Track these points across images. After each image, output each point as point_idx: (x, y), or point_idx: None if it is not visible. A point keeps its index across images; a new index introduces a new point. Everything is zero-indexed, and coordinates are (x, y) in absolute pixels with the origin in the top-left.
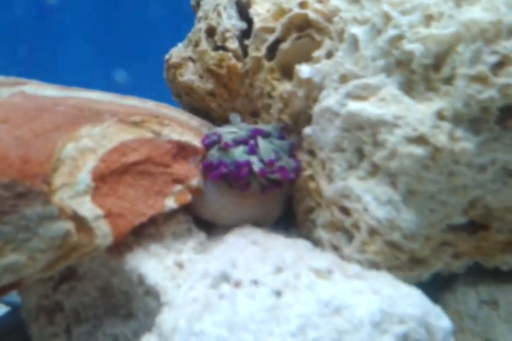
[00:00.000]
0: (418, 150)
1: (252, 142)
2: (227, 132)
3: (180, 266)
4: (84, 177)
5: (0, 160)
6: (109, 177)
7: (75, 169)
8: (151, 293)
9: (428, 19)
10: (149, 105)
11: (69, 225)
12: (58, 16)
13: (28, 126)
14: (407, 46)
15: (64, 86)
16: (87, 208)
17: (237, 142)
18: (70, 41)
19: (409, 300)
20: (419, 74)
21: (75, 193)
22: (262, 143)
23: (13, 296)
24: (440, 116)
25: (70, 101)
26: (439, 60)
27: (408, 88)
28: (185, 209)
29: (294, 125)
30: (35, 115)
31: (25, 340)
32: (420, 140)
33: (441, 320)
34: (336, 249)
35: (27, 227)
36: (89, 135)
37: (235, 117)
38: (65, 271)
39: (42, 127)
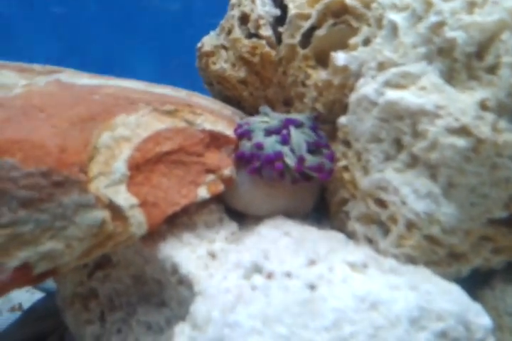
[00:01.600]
0: (460, 142)
1: (284, 132)
2: (260, 121)
3: (212, 255)
4: (120, 166)
5: (39, 148)
6: (143, 166)
7: (110, 158)
8: (184, 282)
9: (471, 5)
10: (182, 94)
11: (105, 214)
12: None
13: (65, 115)
14: (449, 33)
15: (97, 74)
16: (123, 197)
17: (270, 132)
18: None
19: (448, 297)
20: (462, 62)
21: (110, 182)
22: (294, 133)
23: (49, 282)
24: (483, 106)
25: (105, 89)
26: (482, 48)
27: (450, 77)
28: (218, 198)
29: (329, 114)
30: (72, 104)
31: (59, 326)
32: (462, 131)
33: (480, 318)
34: (370, 242)
35: (64, 215)
36: (124, 124)
37: (264, 109)
38: (99, 258)
39: (78, 116)
